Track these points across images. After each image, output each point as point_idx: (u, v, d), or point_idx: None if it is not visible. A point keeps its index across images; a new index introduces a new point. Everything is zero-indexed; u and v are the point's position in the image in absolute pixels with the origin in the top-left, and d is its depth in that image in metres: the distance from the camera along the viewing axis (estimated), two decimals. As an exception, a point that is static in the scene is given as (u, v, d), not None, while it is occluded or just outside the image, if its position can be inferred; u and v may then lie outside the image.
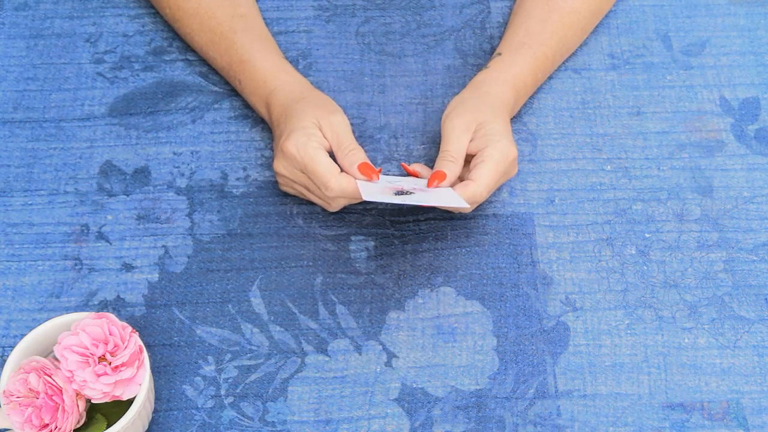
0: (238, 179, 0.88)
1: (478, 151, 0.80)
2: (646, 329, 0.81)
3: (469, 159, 0.82)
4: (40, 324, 0.72)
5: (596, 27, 0.96)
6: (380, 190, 0.77)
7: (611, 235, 0.85)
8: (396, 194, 0.76)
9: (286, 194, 0.87)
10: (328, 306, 0.82)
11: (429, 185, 0.79)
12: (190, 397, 0.77)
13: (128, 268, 0.83)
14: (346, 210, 0.86)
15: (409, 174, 0.84)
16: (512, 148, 0.81)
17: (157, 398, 0.77)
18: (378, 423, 0.77)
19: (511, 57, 0.87)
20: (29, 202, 0.86)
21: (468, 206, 0.77)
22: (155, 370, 0.78)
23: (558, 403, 0.78)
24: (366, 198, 0.74)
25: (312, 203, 0.86)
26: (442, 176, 0.79)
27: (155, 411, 0.77)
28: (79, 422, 0.70)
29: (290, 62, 0.94)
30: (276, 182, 0.87)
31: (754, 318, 0.82)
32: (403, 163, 0.82)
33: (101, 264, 0.83)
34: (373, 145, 0.90)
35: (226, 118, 0.91)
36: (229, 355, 0.79)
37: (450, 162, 0.80)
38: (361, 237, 0.85)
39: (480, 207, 0.86)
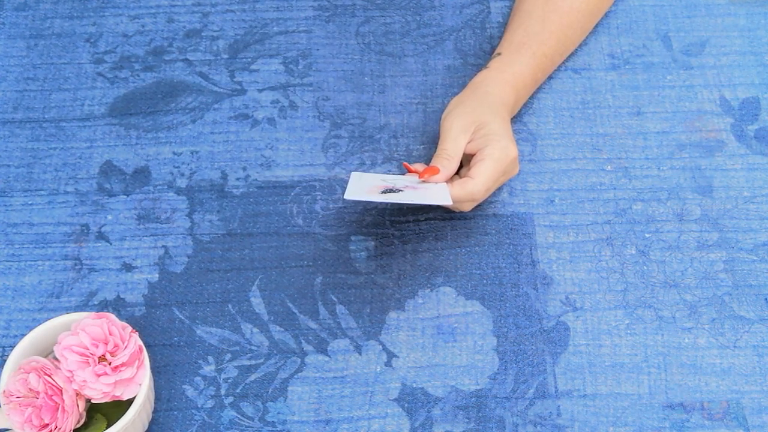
0: (238, 179, 0.88)
1: (477, 151, 0.80)
2: (646, 329, 0.81)
3: (469, 158, 0.82)
4: (40, 324, 0.72)
5: (596, 27, 0.96)
6: (369, 189, 0.77)
7: (611, 235, 0.85)
8: (383, 192, 0.76)
9: (286, 194, 0.87)
10: (328, 306, 0.82)
11: (420, 177, 0.79)
12: (190, 397, 0.77)
13: (128, 268, 0.83)
14: (346, 210, 0.86)
15: (410, 172, 0.84)
16: (512, 147, 0.81)
17: (157, 398, 0.77)
18: (378, 423, 0.77)
19: (511, 57, 0.87)
20: (29, 202, 0.86)
21: (452, 203, 0.76)
22: (155, 370, 0.78)
23: (558, 403, 0.78)
24: (346, 197, 0.74)
25: (312, 204, 0.86)
26: (435, 170, 0.79)
27: (155, 411, 0.77)
28: (79, 422, 0.70)
29: (290, 62, 0.94)
30: (276, 183, 0.87)
31: (754, 318, 0.82)
32: (405, 163, 0.82)
33: (101, 264, 0.83)
34: (373, 145, 0.90)
35: (226, 118, 0.91)
36: (229, 355, 0.79)
37: (445, 159, 0.80)
38: (361, 237, 0.85)
39: (480, 207, 0.86)
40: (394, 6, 0.98)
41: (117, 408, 0.71)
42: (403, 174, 0.87)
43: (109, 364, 0.68)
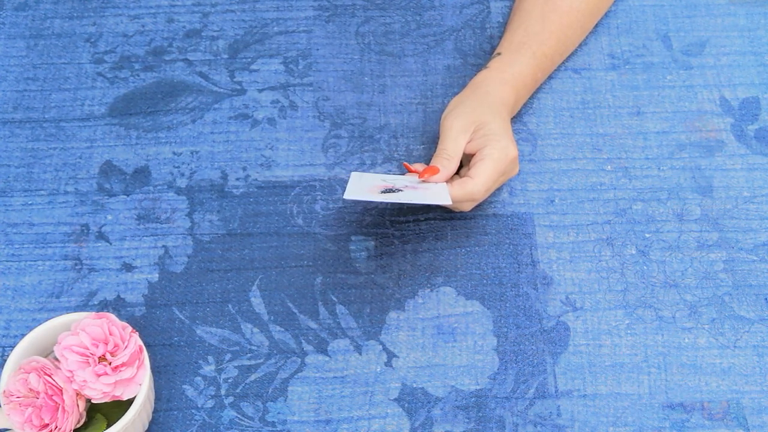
0: (238, 179, 0.88)
1: (477, 150, 0.80)
2: (646, 329, 0.81)
3: (469, 158, 0.82)
4: (40, 324, 0.72)
5: (596, 27, 0.96)
6: (368, 188, 0.77)
7: (611, 235, 0.85)
8: (383, 192, 0.76)
9: (286, 194, 0.87)
10: (328, 306, 0.82)
11: (420, 177, 0.79)
12: (190, 397, 0.77)
13: (128, 268, 0.83)
14: (346, 210, 0.86)
15: (410, 172, 0.84)
16: (512, 147, 0.81)
17: (157, 398, 0.77)
18: (378, 423, 0.77)
19: (511, 57, 0.87)
20: (29, 202, 0.86)
21: (451, 203, 0.77)
22: (155, 370, 0.79)
23: (558, 403, 0.78)
24: (346, 197, 0.74)
25: (312, 204, 0.86)
26: (434, 170, 0.79)
27: (155, 411, 0.77)
28: (79, 422, 0.70)
29: (290, 62, 0.94)
30: (276, 183, 0.87)
31: (754, 318, 0.82)
32: (405, 163, 0.82)
33: (101, 264, 0.83)
34: (373, 145, 0.90)
35: (226, 118, 0.91)
36: (229, 355, 0.79)
37: (445, 159, 0.80)
38: (361, 237, 0.85)
39: (480, 207, 0.86)
40: (394, 6, 0.98)
41: (117, 408, 0.71)
42: (403, 174, 0.87)
43: (109, 364, 0.68)
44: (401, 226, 0.86)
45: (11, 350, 0.73)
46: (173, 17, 0.97)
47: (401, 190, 0.77)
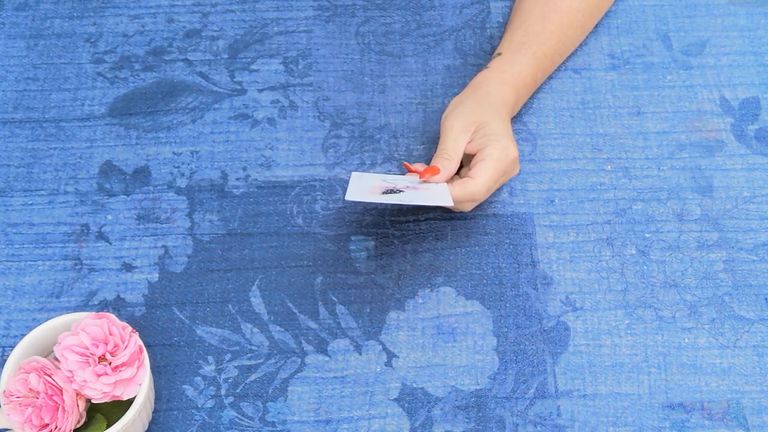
0: (238, 179, 0.88)
1: (478, 151, 0.80)
2: (646, 329, 0.81)
3: (469, 159, 0.82)
4: (40, 324, 0.72)
5: (596, 27, 0.96)
6: (369, 189, 0.77)
7: (611, 235, 0.85)
8: (384, 193, 0.76)
9: (286, 194, 0.87)
10: (328, 306, 0.82)
11: (421, 177, 0.79)
12: (190, 397, 0.77)
13: (128, 268, 0.83)
14: (346, 210, 0.86)
15: (410, 172, 0.84)
16: (513, 147, 0.81)
17: (157, 398, 0.77)
18: (378, 423, 0.77)
19: (511, 57, 0.87)
20: (29, 202, 0.86)
21: (452, 204, 0.77)
22: (155, 370, 0.79)
23: (558, 403, 0.78)
24: (347, 198, 0.74)
25: (312, 204, 0.86)
26: (435, 170, 0.79)
27: (155, 411, 0.77)
28: (79, 422, 0.70)
29: (290, 62, 0.94)
30: (276, 183, 0.87)
31: (754, 318, 0.82)
32: (405, 163, 0.82)
33: (101, 264, 0.83)
34: (373, 145, 0.90)
35: (226, 118, 0.91)
36: (229, 355, 0.79)
37: (445, 159, 0.80)
38: (361, 237, 0.85)
39: (480, 207, 0.86)
40: (394, 6, 0.98)
41: (117, 408, 0.71)
42: (404, 174, 0.87)
43: (109, 364, 0.68)
44: (401, 226, 0.86)
45: (11, 350, 0.73)
46: (173, 17, 0.97)
47: (402, 191, 0.77)
